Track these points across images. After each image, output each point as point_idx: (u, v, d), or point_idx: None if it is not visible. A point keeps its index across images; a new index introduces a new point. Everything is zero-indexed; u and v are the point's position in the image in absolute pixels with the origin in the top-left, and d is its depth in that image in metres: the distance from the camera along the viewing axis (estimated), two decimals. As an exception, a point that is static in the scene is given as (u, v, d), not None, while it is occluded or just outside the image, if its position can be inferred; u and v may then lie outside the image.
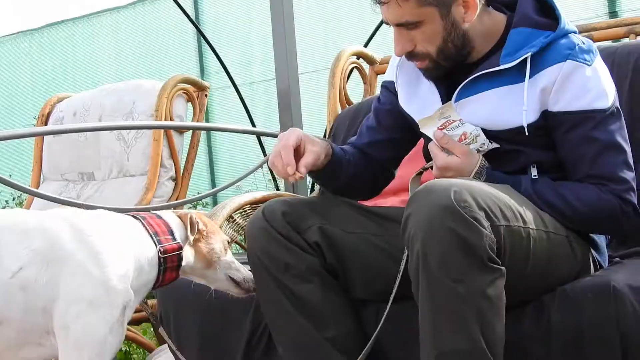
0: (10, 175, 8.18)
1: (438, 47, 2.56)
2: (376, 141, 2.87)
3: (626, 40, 3.52)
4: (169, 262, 2.57)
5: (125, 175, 4.71)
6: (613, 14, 6.29)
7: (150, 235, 2.57)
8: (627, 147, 2.54)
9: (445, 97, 2.64)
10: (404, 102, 2.79)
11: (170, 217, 2.68)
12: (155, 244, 2.55)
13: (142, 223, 2.59)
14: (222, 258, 2.70)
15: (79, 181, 4.97)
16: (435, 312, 2.25)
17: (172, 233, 2.61)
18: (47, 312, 2.37)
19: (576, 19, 6.21)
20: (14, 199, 9.42)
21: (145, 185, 4.46)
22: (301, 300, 2.60)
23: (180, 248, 2.60)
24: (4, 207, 9.20)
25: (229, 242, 2.76)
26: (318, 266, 2.62)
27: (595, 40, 3.43)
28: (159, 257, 2.54)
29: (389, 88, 2.88)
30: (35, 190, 4.55)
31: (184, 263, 2.61)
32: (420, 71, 2.66)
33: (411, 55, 2.61)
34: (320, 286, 2.61)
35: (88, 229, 2.45)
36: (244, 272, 2.71)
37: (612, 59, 3.12)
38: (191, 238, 2.63)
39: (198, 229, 2.66)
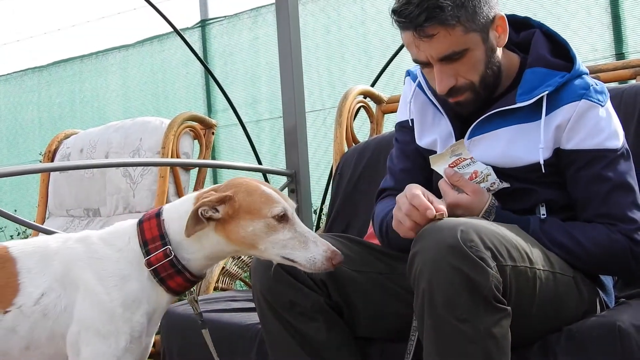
0: (15, 211, 8.17)
1: (481, 74, 2.56)
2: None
3: (633, 82, 3.52)
4: (161, 271, 2.41)
5: (131, 212, 4.71)
6: (620, 55, 6.30)
7: (141, 245, 2.43)
8: (637, 188, 2.56)
9: (460, 134, 2.65)
10: (419, 136, 2.80)
11: (183, 207, 2.45)
12: (144, 255, 2.42)
13: (137, 230, 2.45)
14: (265, 239, 2.37)
15: (84, 217, 4.97)
16: (441, 351, 2.23)
17: (163, 237, 2.42)
18: (65, 339, 2.40)
19: (583, 61, 6.21)
20: (19, 234, 9.42)
21: (151, 222, 4.45)
22: (306, 338, 2.59)
23: (167, 255, 2.40)
24: (9, 243, 9.19)
25: (281, 216, 2.37)
26: (323, 304, 2.61)
27: (602, 82, 3.44)
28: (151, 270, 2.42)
29: (407, 127, 2.88)
30: (40, 225, 4.55)
31: (196, 255, 2.43)
32: (457, 106, 2.65)
33: (452, 91, 2.59)
34: (325, 324, 2.60)
35: (99, 251, 2.43)
36: (313, 250, 2.37)
37: (619, 101, 3.13)
38: (183, 237, 2.39)
39: (210, 217, 2.36)
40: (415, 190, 2.45)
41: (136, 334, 2.41)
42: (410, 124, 2.85)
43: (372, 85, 5.22)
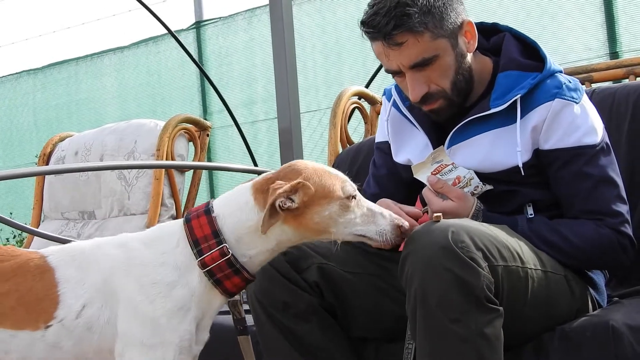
0: (11, 214, 8.16)
1: (452, 80, 2.58)
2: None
3: (626, 81, 3.53)
4: (217, 272, 2.22)
5: (126, 214, 4.71)
6: (614, 54, 6.32)
7: (191, 245, 2.24)
8: (619, 181, 2.57)
9: (437, 144, 2.66)
10: (395, 153, 2.81)
11: (239, 199, 2.28)
12: (196, 256, 2.23)
13: (185, 229, 2.26)
14: (339, 221, 2.24)
15: (79, 220, 4.97)
16: (434, 351, 2.23)
17: (217, 234, 2.23)
18: (113, 353, 2.23)
19: (577, 60, 6.24)
20: (14, 237, 9.43)
21: (146, 224, 4.45)
22: (300, 339, 2.59)
23: (225, 254, 2.21)
24: (5, 245, 9.22)
25: (350, 197, 2.25)
26: (316, 305, 2.61)
27: (595, 81, 3.45)
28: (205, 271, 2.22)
29: (383, 149, 2.91)
30: (35, 229, 4.55)
31: (260, 249, 2.26)
32: (432, 114, 2.66)
33: (425, 99, 2.61)
34: (319, 325, 2.60)
35: (140, 257, 2.25)
36: (381, 222, 2.28)
37: (612, 100, 3.13)
38: (244, 232, 2.24)
39: (287, 208, 2.19)
40: (394, 207, 2.54)
41: (186, 344, 2.23)
42: (388, 146, 2.89)
43: (367, 86, 5.21)
